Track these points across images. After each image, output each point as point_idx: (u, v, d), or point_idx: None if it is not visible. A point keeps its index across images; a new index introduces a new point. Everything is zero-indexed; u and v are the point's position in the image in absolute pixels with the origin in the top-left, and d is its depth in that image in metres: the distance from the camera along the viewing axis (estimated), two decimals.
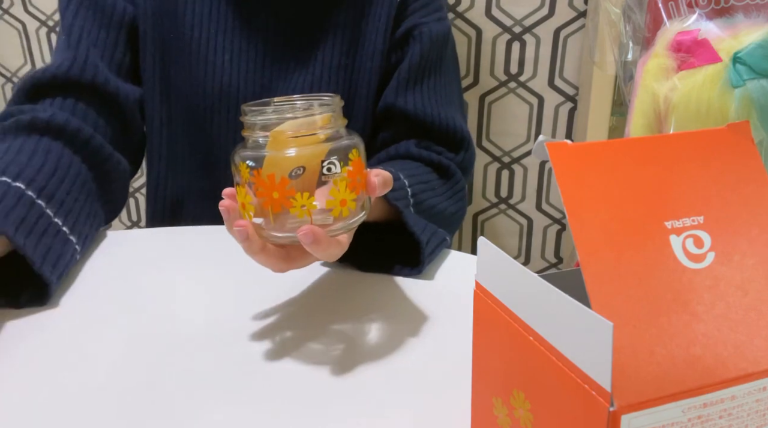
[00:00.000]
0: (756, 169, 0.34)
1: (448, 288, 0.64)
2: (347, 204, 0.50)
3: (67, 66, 0.74)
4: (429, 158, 0.80)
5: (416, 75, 0.82)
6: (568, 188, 0.31)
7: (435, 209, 0.75)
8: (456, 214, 0.80)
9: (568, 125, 1.12)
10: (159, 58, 0.81)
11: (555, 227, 1.19)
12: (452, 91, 0.87)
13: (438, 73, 0.84)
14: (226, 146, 0.83)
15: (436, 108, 0.83)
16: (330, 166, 0.49)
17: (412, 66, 0.82)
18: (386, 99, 0.83)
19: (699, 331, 0.29)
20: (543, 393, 0.31)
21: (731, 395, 0.28)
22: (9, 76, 1.32)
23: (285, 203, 0.49)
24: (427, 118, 0.82)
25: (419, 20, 0.83)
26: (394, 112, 0.82)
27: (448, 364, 0.51)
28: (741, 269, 0.31)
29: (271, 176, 0.48)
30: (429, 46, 0.82)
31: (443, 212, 0.76)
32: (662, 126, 0.52)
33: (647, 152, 0.33)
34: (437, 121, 0.82)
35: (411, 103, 0.82)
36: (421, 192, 0.73)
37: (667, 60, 0.52)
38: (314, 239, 0.48)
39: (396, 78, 0.82)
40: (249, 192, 0.50)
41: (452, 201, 0.79)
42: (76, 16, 0.77)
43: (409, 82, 0.82)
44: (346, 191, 0.50)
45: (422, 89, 0.83)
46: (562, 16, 1.06)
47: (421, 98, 0.82)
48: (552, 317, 0.30)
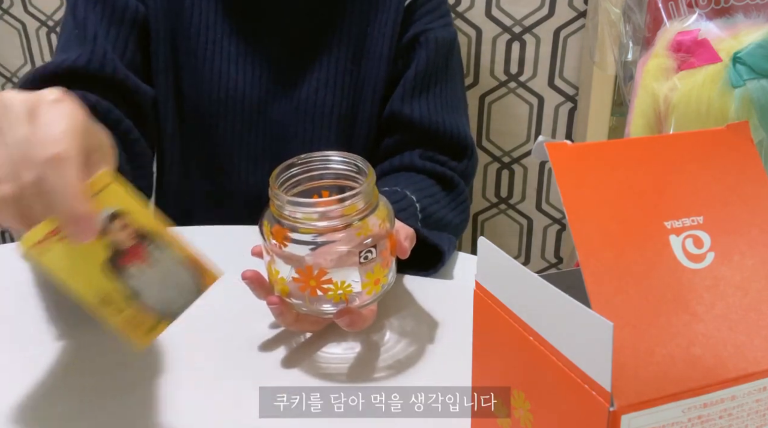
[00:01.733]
0: (756, 169, 0.34)
1: (448, 288, 0.64)
2: (380, 282, 0.51)
3: (86, 60, 0.72)
4: (433, 169, 0.80)
5: (422, 82, 0.82)
6: (567, 188, 0.31)
7: (442, 222, 0.75)
8: (460, 225, 0.81)
9: (568, 125, 1.12)
10: (171, 60, 0.79)
11: (555, 227, 1.19)
12: (458, 98, 0.87)
13: (444, 79, 0.84)
14: (231, 152, 0.82)
15: (441, 115, 0.82)
16: (367, 254, 0.49)
17: (418, 73, 0.81)
18: (392, 106, 0.82)
19: (699, 331, 0.29)
20: (543, 393, 0.31)
21: (731, 395, 0.28)
22: (9, 76, 1.32)
23: (322, 290, 0.50)
24: (432, 126, 0.81)
25: (426, 26, 0.82)
26: (399, 120, 0.82)
27: (447, 364, 0.51)
28: (741, 269, 0.31)
29: (309, 267, 0.49)
30: (435, 52, 0.82)
31: (449, 224, 0.77)
32: (662, 126, 0.52)
33: (647, 152, 0.33)
34: (442, 128, 0.82)
35: (417, 112, 0.81)
36: (428, 206, 0.73)
37: (667, 60, 0.52)
38: (350, 322, 0.50)
39: (402, 85, 0.82)
40: (280, 267, 0.51)
41: (456, 212, 0.79)
42: (90, 12, 0.75)
43: (415, 89, 0.82)
44: (380, 271, 0.51)
45: (428, 97, 0.82)
46: (562, 16, 1.06)
47: (427, 106, 0.82)
48: (552, 318, 0.30)
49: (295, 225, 0.49)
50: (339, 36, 0.81)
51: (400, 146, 0.82)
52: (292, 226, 0.49)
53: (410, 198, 0.69)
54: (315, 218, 0.48)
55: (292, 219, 0.49)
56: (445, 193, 0.79)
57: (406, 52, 0.82)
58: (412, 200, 0.70)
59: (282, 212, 0.49)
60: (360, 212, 0.49)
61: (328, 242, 0.49)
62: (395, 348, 0.54)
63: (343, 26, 0.81)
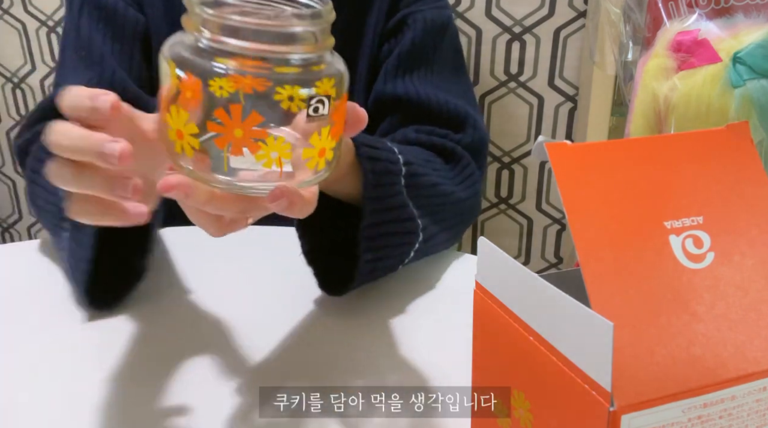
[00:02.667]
0: (755, 169, 0.34)
1: (448, 288, 0.64)
2: (325, 154, 0.39)
3: (95, 83, 0.68)
4: (430, 142, 0.69)
5: (406, 63, 0.74)
6: (567, 188, 0.31)
7: (437, 188, 0.63)
8: (467, 201, 0.69)
9: (568, 124, 1.12)
10: None
11: (555, 227, 1.19)
12: (448, 82, 0.77)
13: (431, 61, 0.75)
14: None
15: (428, 92, 0.73)
16: (318, 105, 0.36)
17: (402, 54, 0.74)
18: (375, 90, 0.75)
19: (699, 331, 0.29)
20: (543, 393, 0.31)
21: (731, 395, 0.28)
22: (9, 76, 1.32)
23: (250, 146, 0.36)
24: (422, 98, 0.72)
25: (415, 8, 0.76)
26: (383, 100, 0.74)
27: (447, 364, 0.51)
28: (741, 269, 0.31)
29: (237, 106, 0.35)
30: (423, 33, 0.74)
31: (450, 195, 0.65)
32: (662, 126, 0.52)
33: (647, 153, 0.33)
34: (434, 101, 0.72)
35: (401, 88, 0.73)
36: (417, 165, 0.61)
37: (667, 60, 0.52)
38: (289, 204, 0.38)
39: (385, 67, 0.75)
40: (188, 111, 0.36)
41: (462, 187, 0.68)
42: (94, 31, 0.73)
43: (399, 69, 0.74)
44: (327, 138, 0.38)
45: (412, 77, 0.74)
46: (562, 16, 1.06)
47: (413, 83, 0.73)
48: (552, 318, 0.30)
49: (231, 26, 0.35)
50: (333, 27, 0.78)
51: (392, 130, 0.74)
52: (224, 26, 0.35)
53: (391, 148, 0.58)
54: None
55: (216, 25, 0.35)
56: (449, 166, 0.69)
57: (393, 34, 0.76)
58: (393, 150, 0.58)
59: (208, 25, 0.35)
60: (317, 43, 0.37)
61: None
62: (395, 347, 0.54)
63: (338, 17, 0.78)
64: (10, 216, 1.41)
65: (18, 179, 1.38)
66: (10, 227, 1.43)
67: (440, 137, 0.70)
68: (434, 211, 0.63)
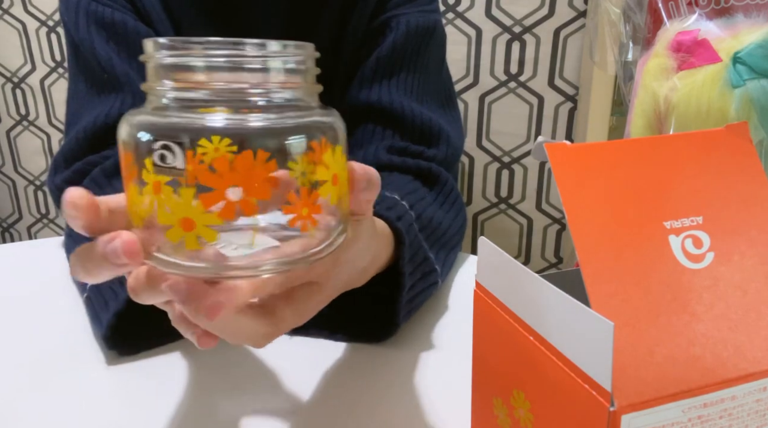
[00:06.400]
0: (755, 169, 0.34)
1: (448, 288, 0.64)
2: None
3: (129, 104, 0.66)
4: (405, 165, 0.65)
5: (384, 68, 0.69)
6: (567, 188, 0.31)
7: (438, 224, 0.63)
8: (457, 220, 0.68)
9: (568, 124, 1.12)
10: None
11: (555, 227, 1.19)
12: (429, 92, 0.73)
13: (412, 69, 0.71)
14: None
15: (404, 100, 0.69)
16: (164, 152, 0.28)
17: (380, 58, 0.69)
18: (350, 95, 0.70)
19: (699, 331, 0.29)
20: (543, 393, 0.31)
21: (731, 395, 0.28)
22: (9, 76, 1.32)
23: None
24: (396, 109, 0.68)
25: (400, 11, 0.72)
26: (356, 107, 0.69)
27: (447, 364, 0.51)
28: (740, 269, 0.31)
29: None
30: (405, 37, 0.70)
31: (440, 225, 0.63)
32: (662, 126, 0.52)
33: (646, 153, 0.33)
34: (408, 114, 0.68)
35: (375, 95, 0.69)
36: (417, 207, 0.59)
37: (667, 60, 0.52)
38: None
39: (361, 71, 0.70)
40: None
41: (453, 212, 0.67)
42: (112, 53, 0.68)
43: (376, 74, 0.69)
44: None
45: (389, 83, 0.69)
46: (562, 16, 1.06)
47: (388, 90, 0.69)
48: (552, 317, 0.30)
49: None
50: (320, 31, 0.73)
51: (363, 141, 0.70)
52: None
53: (402, 205, 0.56)
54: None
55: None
56: (431, 191, 0.67)
57: (373, 37, 0.71)
58: (405, 207, 0.56)
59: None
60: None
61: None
62: (394, 348, 0.54)
63: (328, 19, 0.73)
64: (10, 216, 1.41)
65: (18, 179, 1.38)
66: (10, 227, 1.43)
67: (414, 157, 0.67)
68: (441, 246, 0.62)
